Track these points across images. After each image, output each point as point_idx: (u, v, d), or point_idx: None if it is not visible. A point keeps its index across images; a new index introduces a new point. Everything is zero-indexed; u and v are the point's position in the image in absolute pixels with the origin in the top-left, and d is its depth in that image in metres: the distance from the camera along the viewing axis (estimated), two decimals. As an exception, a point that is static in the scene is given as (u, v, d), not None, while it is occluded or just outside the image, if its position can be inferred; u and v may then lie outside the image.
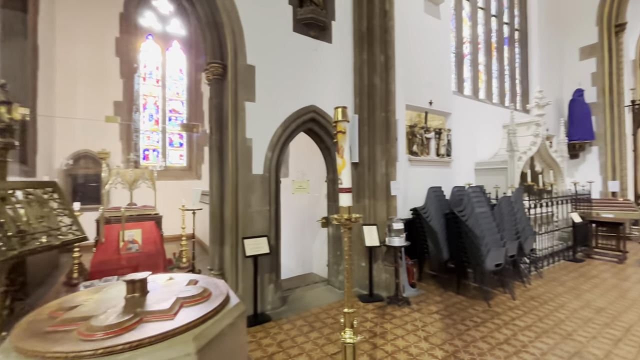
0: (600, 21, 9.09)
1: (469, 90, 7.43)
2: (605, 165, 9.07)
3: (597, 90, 9.18)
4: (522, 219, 4.90)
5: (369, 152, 4.56)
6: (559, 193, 6.75)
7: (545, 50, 9.20)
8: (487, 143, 7.25)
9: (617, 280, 4.83)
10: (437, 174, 5.89)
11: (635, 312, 3.66)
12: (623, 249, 6.16)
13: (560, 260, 6.02)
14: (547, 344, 3.00)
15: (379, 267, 4.41)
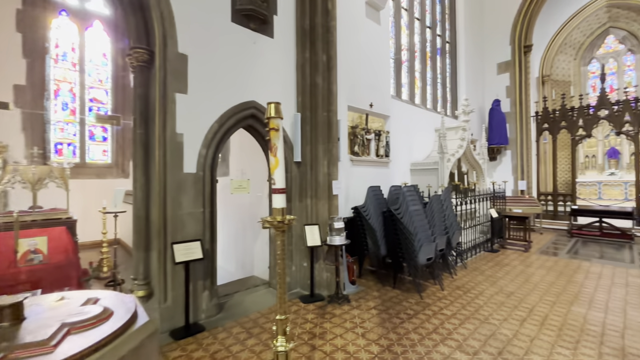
0: (512, 41, 10.43)
1: (406, 95, 7.90)
2: (516, 167, 10.46)
3: (510, 101, 10.53)
4: (450, 215, 5.35)
5: (311, 151, 4.54)
6: (480, 191, 7.55)
7: (470, 63, 10.24)
8: (421, 145, 7.79)
9: (523, 267, 5.56)
10: (376, 173, 6.14)
11: (536, 295, 4.24)
12: (528, 239, 7.14)
13: (481, 251, 6.74)
14: (468, 329, 3.29)
15: (321, 267, 4.42)
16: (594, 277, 5.01)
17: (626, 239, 7.69)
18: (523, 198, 9.50)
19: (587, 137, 9.57)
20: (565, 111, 9.56)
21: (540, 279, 4.89)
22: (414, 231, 4.33)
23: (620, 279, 4.87)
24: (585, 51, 13.97)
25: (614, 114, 8.84)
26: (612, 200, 12.09)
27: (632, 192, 11.28)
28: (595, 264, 5.73)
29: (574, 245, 7.41)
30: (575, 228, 8.53)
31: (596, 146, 13.46)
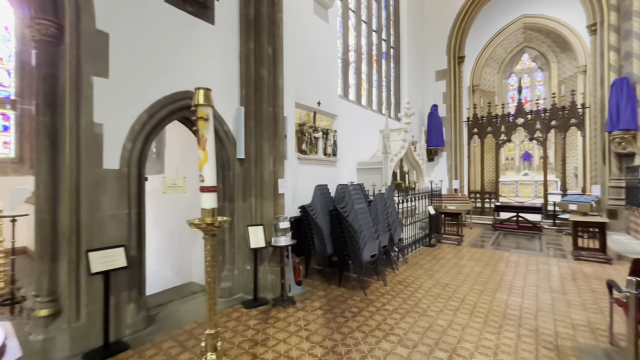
0: (448, 51, 11.34)
1: (353, 95, 8.05)
2: (450, 167, 11.41)
3: (446, 107, 11.44)
4: (393, 213, 5.56)
5: (256, 147, 4.31)
6: (420, 190, 8.03)
7: (412, 69, 10.87)
8: (367, 145, 8.01)
9: (456, 260, 6.03)
10: (324, 172, 6.12)
11: (467, 285, 4.61)
12: (461, 234, 7.81)
13: (420, 246, 7.17)
14: (408, 323, 3.41)
15: (265, 269, 4.23)
16: (513, 265, 5.63)
17: (537, 231, 8.86)
18: (456, 196, 10.39)
19: (507, 142, 10.82)
20: (491, 118, 10.69)
21: (470, 270, 5.33)
22: (359, 229, 4.38)
23: (533, 267, 5.55)
24: (506, 66, 15.83)
25: (528, 122, 10.12)
26: (526, 197, 13.89)
27: (541, 190, 13.09)
28: (513, 254, 6.47)
29: (497, 237, 8.31)
30: (498, 222, 9.59)
31: (514, 150, 15.35)
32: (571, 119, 9.27)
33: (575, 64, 13.07)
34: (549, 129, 9.63)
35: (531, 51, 15.25)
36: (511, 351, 2.85)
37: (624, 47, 8.14)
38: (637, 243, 6.86)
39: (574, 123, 9.26)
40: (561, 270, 5.35)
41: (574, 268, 5.48)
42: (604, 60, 8.59)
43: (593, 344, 2.97)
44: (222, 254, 4.25)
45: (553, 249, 7.00)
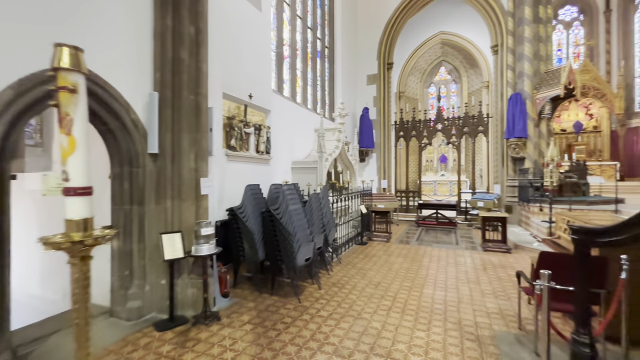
0: (379, 57, 11.89)
1: (288, 92, 7.77)
2: (380, 168, 11.98)
3: (376, 110, 11.97)
4: (327, 213, 5.45)
5: (173, 141, 3.70)
6: (353, 189, 8.17)
7: (346, 71, 11.08)
8: (302, 143, 7.82)
9: (386, 257, 6.24)
10: (256, 171, 5.70)
11: (397, 282, 4.73)
12: (389, 231, 8.18)
13: (353, 244, 7.26)
14: (344, 329, 3.27)
15: (185, 282, 3.66)
16: (435, 259, 6.05)
17: (452, 226, 9.84)
18: (385, 195, 10.94)
19: (428, 145, 11.82)
20: (415, 123, 11.55)
21: (399, 267, 5.54)
22: (293, 231, 4.12)
23: (451, 259, 6.05)
24: (427, 76, 17.43)
25: (445, 128, 11.22)
26: (442, 195, 15.48)
27: (455, 189, 14.71)
28: (435, 248, 6.99)
29: (420, 233, 8.96)
30: (421, 219, 10.40)
31: (433, 153, 17.01)
32: (479, 126, 10.56)
33: (480, 79, 15.03)
34: (462, 134, 10.82)
35: (447, 65, 17.08)
36: (440, 347, 2.91)
37: (518, 67, 9.58)
38: (528, 234, 8.11)
39: (481, 130, 10.58)
40: (474, 261, 5.94)
41: (483, 259, 6.13)
42: (503, 77, 9.99)
43: (506, 330, 3.25)
44: (128, 268, 3.53)
45: (466, 241, 7.80)
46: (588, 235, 1.96)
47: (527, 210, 8.62)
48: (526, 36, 9.21)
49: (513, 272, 5.16)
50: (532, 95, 9.22)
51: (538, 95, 9.12)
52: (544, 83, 9.06)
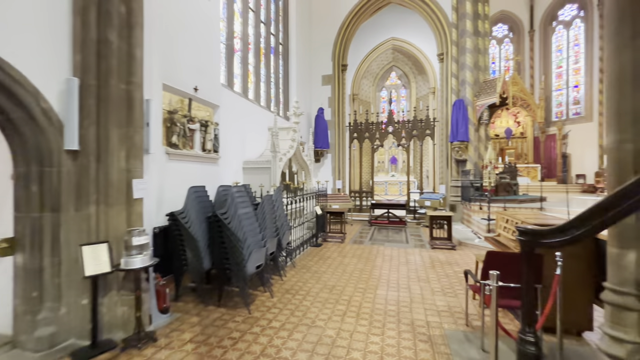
0: (333, 58, 11.93)
1: (239, 87, 7.35)
2: (335, 168, 12.03)
3: (331, 111, 12.00)
4: (281, 215, 5.22)
5: (98, 136, 3.16)
6: (308, 190, 8.04)
7: (301, 69, 10.90)
8: (255, 142, 7.46)
9: (341, 258, 6.20)
10: (203, 171, 5.25)
11: (352, 285, 4.68)
12: (343, 231, 8.20)
13: (307, 247, 7.11)
14: (297, 340, 3.08)
15: (113, 300, 3.15)
16: (387, 259, 6.16)
17: (402, 225, 10.23)
18: (339, 195, 11.01)
19: (380, 147, 12.17)
20: (368, 125, 11.81)
21: (354, 268, 5.51)
22: (243, 237, 3.82)
23: (402, 258, 6.21)
24: (379, 80, 18.03)
25: (396, 130, 11.65)
26: (393, 195, 16.12)
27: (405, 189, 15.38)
28: (387, 247, 7.15)
29: (373, 233, 9.14)
30: (373, 218, 10.65)
31: (384, 154, 17.65)
32: (426, 130, 11.15)
33: (428, 85, 15.96)
34: (411, 137, 11.32)
35: (397, 70, 17.86)
36: (395, 352, 2.87)
37: (461, 75, 10.29)
38: (469, 231, 8.73)
39: (428, 133, 11.17)
40: (423, 259, 6.16)
41: (432, 256, 6.40)
42: (448, 84, 10.66)
43: (455, 328, 3.34)
44: (37, 289, 2.93)
45: (415, 239, 8.13)
46: (534, 237, 2.03)
47: (469, 208, 9.29)
48: (468, 47, 9.94)
49: (459, 269, 5.45)
50: (473, 102, 9.97)
51: (478, 102, 9.90)
52: (483, 91, 9.86)
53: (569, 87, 17.77)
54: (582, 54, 17.16)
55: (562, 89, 18.00)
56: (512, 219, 3.93)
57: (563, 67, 18.02)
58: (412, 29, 14.80)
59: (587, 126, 16.41)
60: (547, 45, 18.40)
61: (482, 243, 7.11)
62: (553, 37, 18.29)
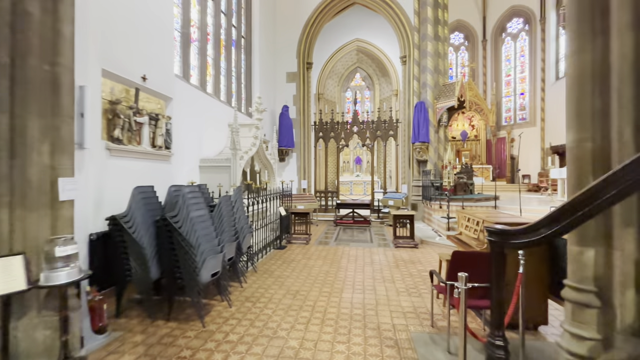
0: (298, 55, 11.69)
1: (196, 79, 6.83)
2: (300, 168, 11.79)
3: (296, 109, 11.75)
4: (242, 217, 4.88)
5: (12, 127, 2.62)
6: (272, 190, 7.71)
7: (264, 65, 10.52)
8: (214, 139, 6.99)
9: (305, 260, 5.99)
10: (152, 169, 4.73)
11: (317, 289, 4.49)
12: (309, 232, 8.00)
13: (271, 249, 6.80)
14: (256, 354, 2.81)
15: (32, 323, 2.63)
16: (353, 259, 6.07)
17: (366, 224, 10.29)
18: (305, 195, 10.80)
19: (346, 146, 12.16)
20: (334, 124, 11.74)
21: (319, 270, 5.33)
22: (196, 243, 3.45)
23: (367, 258, 6.16)
24: (344, 81, 18.13)
25: (361, 130, 11.71)
26: (357, 194, 16.27)
27: (369, 188, 15.57)
28: (352, 248, 7.08)
29: (338, 233, 9.05)
30: (339, 218, 10.59)
31: (349, 154, 17.78)
32: (390, 131, 11.34)
33: (390, 87, 16.34)
34: (376, 137, 11.45)
35: (362, 72, 18.09)
36: None
37: (422, 78, 10.59)
38: (430, 229, 8.99)
39: (391, 134, 11.37)
40: (387, 258, 6.16)
41: (395, 255, 6.43)
42: (411, 87, 10.93)
43: (420, 329, 3.28)
44: None
45: (379, 239, 8.17)
46: (504, 237, 1.98)
47: (429, 207, 9.57)
48: (429, 51, 10.26)
49: (422, 267, 5.50)
50: (434, 104, 10.31)
51: (438, 105, 10.26)
52: (442, 94, 10.24)
53: (516, 94, 19.27)
54: (526, 64, 18.71)
55: (511, 96, 19.49)
56: (473, 217, 4.00)
57: (511, 76, 19.51)
58: (376, 32, 15.05)
59: (532, 130, 17.89)
60: (497, 55, 19.79)
61: (443, 241, 7.31)
62: (502, 48, 19.72)
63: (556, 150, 16.02)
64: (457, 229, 4.58)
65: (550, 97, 17.05)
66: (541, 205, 7.71)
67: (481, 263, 2.70)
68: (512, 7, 18.77)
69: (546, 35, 17.29)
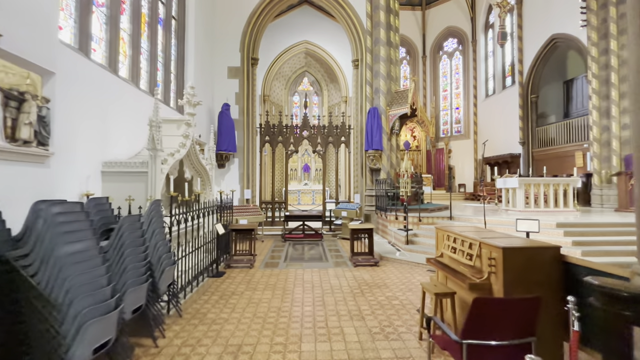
0: (242, 49, 10.40)
1: (102, 57, 5.17)
2: (243, 175, 10.39)
3: (239, 109, 10.38)
4: (159, 244, 3.48)
5: None
6: (206, 203, 6.27)
7: (201, 56, 9.00)
8: (129, 137, 5.37)
9: (250, 292, 4.74)
10: (13, 176, 3.09)
11: (266, 338, 3.32)
12: (253, 252, 6.72)
13: (204, 278, 5.39)
14: None
15: None
16: (309, 287, 5.02)
17: (318, 238, 9.34)
18: (248, 207, 9.44)
19: (295, 152, 11.15)
20: (282, 127, 10.65)
21: (267, 308, 4.15)
22: (64, 299, 2.05)
23: (326, 284, 5.17)
24: (291, 84, 17.22)
25: (312, 135, 10.83)
26: (305, 204, 15.31)
27: (317, 198, 14.74)
28: (306, 270, 6.02)
29: (288, 250, 7.92)
30: (287, 232, 9.45)
31: (297, 161, 16.79)
32: (342, 136, 10.67)
33: (340, 94, 15.91)
34: (327, 143, 10.68)
35: (310, 76, 17.42)
36: None
37: (375, 83, 10.18)
38: (386, 242, 8.41)
39: (343, 140, 10.71)
40: (349, 282, 5.25)
41: (356, 277, 5.56)
42: (363, 92, 10.45)
43: (416, 401, 2.37)
44: None
45: (335, 256, 7.27)
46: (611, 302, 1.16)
47: (384, 219, 9.04)
48: (382, 56, 9.91)
49: (391, 293, 4.69)
50: (386, 111, 9.95)
51: (391, 112, 9.92)
52: (395, 101, 9.94)
53: (452, 108, 20.57)
54: (461, 81, 20.13)
55: (447, 110, 20.72)
56: (460, 237, 3.29)
57: (448, 91, 20.80)
58: (326, 36, 14.52)
59: (466, 142, 19.13)
60: (435, 71, 20.97)
61: (404, 257, 6.71)
62: (440, 64, 20.98)
63: (488, 161, 17.24)
64: (438, 249, 3.87)
65: (481, 113, 18.43)
66: (497, 215, 7.68)
67: (509, 313, 1.90)
68: (448, 27, 20.09)
69: (477, 55, 18.78)
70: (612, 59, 9.87)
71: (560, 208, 8.52)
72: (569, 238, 5.89)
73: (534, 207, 8.44)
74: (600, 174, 10.15)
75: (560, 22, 12.03)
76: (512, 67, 15.92)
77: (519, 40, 14.40)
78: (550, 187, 8.55)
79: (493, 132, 16.40)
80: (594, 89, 10.20)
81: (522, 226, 5.12)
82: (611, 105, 9.89)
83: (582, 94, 13.08)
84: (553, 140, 13.82)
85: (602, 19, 10.09)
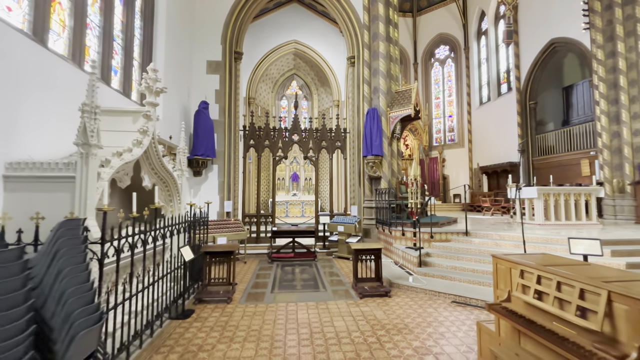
0: (224, 41, 9.18)
1: (22, 19, 3.82)
2: (223, 184, 9.01)
3: (219, 108, 9.08)
4: (71, 294, 2.11)
5: None
6: (173, 219, 4.89)
7: (174, 45, 7.72)
8: (60, 132, 3.98)
9: (225, 347, 3.38)
10: None
11: None
12: (232, 281, 5.34)
13: (165, 320, 3.98)
14: None
15: None
16: (305, 335, 3.72)
17: (311, 257, 8.02)
18: (229, 222, 8.04)
19: (284, 159, 9.87)
20: (269, 130, 9.40)
21: (249, 377, 2.81)
22: None
23: (328, 328, 3.88)
24: (279, 87, 16.07)
25: (302, 140, 9.62)
26: (295, 217, 13.95)
27: (307, 210, 13.42)
28: (299, 306, 4.71)
29: (276, 274, 6.56)
30: (275, 251, 8.09)
31: (285, 170, 15.50)
32: (337, 141, 9.52)
33: (331, 98, 14.86)
34: (321, 149, 9.49)
35: (299, 79, 16.36)
36: None
37: (373, 82, 9.15)
38: (391, 262, 7.18)
39: (339, 145, 9.56)
40: (359, 326, 3.97)
41: (366, 315, 4.30)
42: (360, 91, 9.39)
43: None
44: None
45: (334, 283, 5.98)
46: None
47: (388, 234, 7.84)
48: (381, 52, 8.93)
49: (418, 343, 3.44)
50: (387, 112, 8.90)
51: (392, 114, 8.88)
52: (396, 102, 8.93)
53: (445, 116, 19.94)
54: (454, 89, 19.59)
55: (440, 118, 20.09)
56: (551, 276, 2.11)
57: (440, 99, 20.21)
58: (316, 35, 13.54)
59: (460, 151, 18.43)
60: (427, 78, 20.39)
61: (419, 283, 5.48)
62: (432, 72, 20.44)
63: (485, 170, 16.49)
64: (497, 288, 2.67)
65: (475, 121, 17.82)
66: (515, 230, 6.58)
67: None
68: (440, 34, 19.65)
69: (470, 62, 18.32)
70: (620, 62, 9.25)
71: (583, 221, 7.61)
72: (620, 259, 4.87)
73: (554, 220, 7.50)
74: (612, 183, 9.37)
75: (559, 26, 11.52)
76: (507, 73, 15.42)
77: (515, 45, 13.90)
78: (571, 197, 7.64)
79: (489, 140, 15.74)
80: (601, 93, 9.53)
81: (578, 248, 4.03)
82: (621, 109, 9.22)
83: (583, 100, 12.56)
84: (553, 148, 13.19)
85: (608, 20, 9.52)
